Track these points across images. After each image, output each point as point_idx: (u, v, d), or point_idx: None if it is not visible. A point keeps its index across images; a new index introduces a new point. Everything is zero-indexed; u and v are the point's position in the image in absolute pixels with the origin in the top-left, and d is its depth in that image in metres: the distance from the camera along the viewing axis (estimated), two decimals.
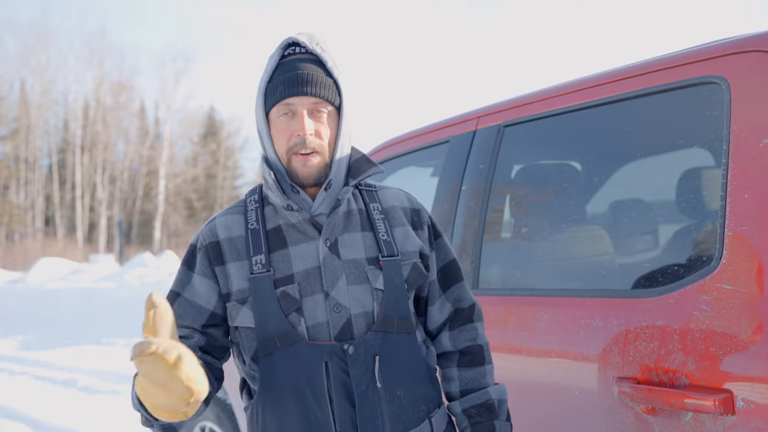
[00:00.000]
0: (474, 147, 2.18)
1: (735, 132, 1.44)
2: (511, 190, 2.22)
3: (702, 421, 1.35)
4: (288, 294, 1.34)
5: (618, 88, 1.76)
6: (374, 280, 1.37)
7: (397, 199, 1.51)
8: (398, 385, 1.35)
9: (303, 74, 1.36)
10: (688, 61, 1.60)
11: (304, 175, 1.37)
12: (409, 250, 1.43)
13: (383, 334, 1.34)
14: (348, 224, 1.41)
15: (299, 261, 1.36)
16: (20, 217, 36.15)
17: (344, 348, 1.31)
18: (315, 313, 1.34)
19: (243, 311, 1.35)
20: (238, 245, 1.39)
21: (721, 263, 1.40)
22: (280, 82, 1.37)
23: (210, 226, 1.44)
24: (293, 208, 1.36)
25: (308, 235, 1.38)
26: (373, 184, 1.53)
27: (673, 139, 1.74)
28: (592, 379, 1.60)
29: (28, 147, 36.32)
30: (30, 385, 7.00)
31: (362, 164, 1.45)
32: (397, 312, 1.37)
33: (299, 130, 1.35)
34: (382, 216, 1.45)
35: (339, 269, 1.36)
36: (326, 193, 1.40)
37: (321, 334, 1.33)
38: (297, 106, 1.36)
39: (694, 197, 1.73)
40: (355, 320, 1.34)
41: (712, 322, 1.38)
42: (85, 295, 13.34)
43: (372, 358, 1.32)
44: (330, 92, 1.38)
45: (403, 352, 1.37)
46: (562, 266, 1.97)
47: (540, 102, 2.01)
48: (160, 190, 37.23)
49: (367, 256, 1.39)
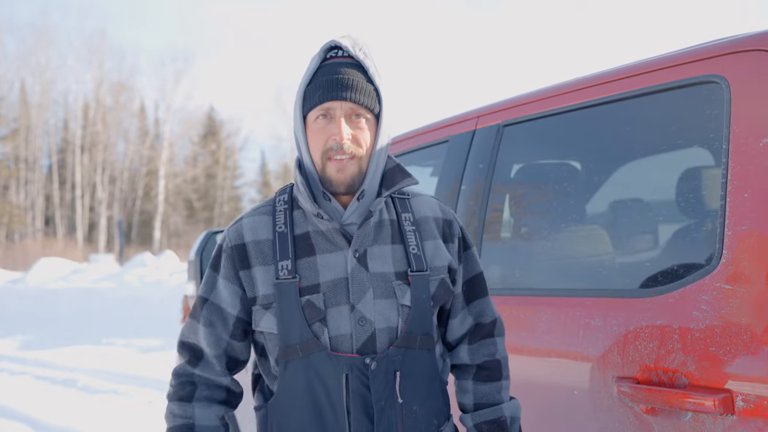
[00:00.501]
0: (473, 146, 2.18)
1: (735, 131, 1.44)
2: (511, 190, 2.22)
3: (702, 421, 1.35)
4: (313, 303, 1.32)
5: (617, 87, 1.75)
6: (401, 296, 1.35)
7: (429, 208, 1.47)
8: (415, 400, 1.34)
9: (343, 79, 1.33)
10: (687, 61, 1.59)
11: (338, 181, 1.34)
12: (438, 265, 1.41)
13: (405, 350, 1.33)
14: (378, 236, 1.38)
15: (326, 270, 1.34)
16: (20, 217, 36.15)
17: (366, 362, 1.29)
18: (339, 324, 1.32)
19: (267, 317, 1.34)
20: (265, 249, 1.37)
21: (721, 263, 1.40)
22: (320, 85, 1.33)
23: (236, 227, 1.42)
24: (323, 217, 1.33)
25: (337, 245, 1.36)
26: (406, 191, 1.49)
27: (672, 138, 1.73)
28: (592, 378, 1.59)
29: (28, 147, 36.33)
30: (30, 384, 7.00)
31: (396, 174, 1.42)
32: (421, 328, 1.35)
33: (336, 134, 1.32)
34: (413, 228, 1.42)
35: (367, 282, 1.34)
36: (358, 203, 1.37)
37: (343, 346, 1.31)
38: (335, 110, 1.33)
39: (693, 197, 1.73)
40: (379, 334, 1.32)
41: (711, 322, 1.38)
42: (85, 295, 13.34)
43: (393, 373, 1.31)
44: (370, 99, 1.34)
45: (422, 368, 1.36)
46: (561, 266, 1.97)
47: (539, 101, 2.00)
48: (159, 190, 37.23)
49: (395, 270, 1.36)
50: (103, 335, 10.43)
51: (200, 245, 2.98)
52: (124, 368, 7.88)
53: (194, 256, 2.95)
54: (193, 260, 2.94)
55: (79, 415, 5.57)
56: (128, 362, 8.38)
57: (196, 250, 2.96)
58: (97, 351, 9.31)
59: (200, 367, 1.40)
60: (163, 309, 11.29)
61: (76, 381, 6.97)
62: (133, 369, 7.81)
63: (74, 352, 9.19)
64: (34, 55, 36.22)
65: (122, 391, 6.49)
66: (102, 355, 9.00)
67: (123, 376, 7.37)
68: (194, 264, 2.93)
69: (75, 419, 5.41)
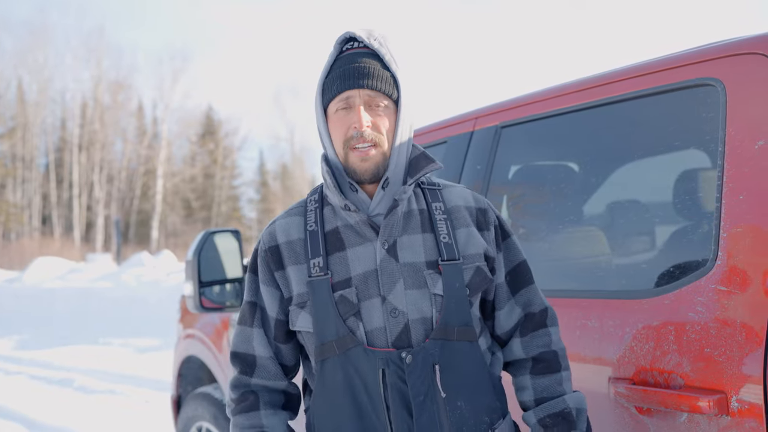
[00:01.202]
0: (471, 148, 2.18)
1: (730, 134, 1.45)
2: (509, 191, 2.22)
3: (697, 421, 1.36)
4: (346, 298, 1.31)
5: (614, 89, 1.76)
6: (432, 285, 1.32)
7: (461, 198, 1.44)
8: (459, 395, 1.30)
9: (359, 67, 1.33)
10: (684, 63, 1.60)
11: (362, 170, 1.33)
12: (472, 252, 1.37)
13: (443, 342, 1.30)
14: (408, 225, 1.37)
15: (357, 264, 1.33)
16: (17, 215, 36.08)
17: (402, 356, 1.27)
18: (372, 317, 1.30)
19: (302, 315, 1.34)
20: (297, 248, 1.37)
21: (716, 264, 1.41)
22: (337, 76, 1.34)
23: (270, 229, 1.43)
24: (351, 208, 1.33)
25: (366, 236, 1.35)
26: (437, 182, 1.47)
27: (669, 140, 1.74)
28: (588, 379, 1.60)
29: (25, 146, 36.26)
30: (26, 384, 6.99)
31: (421, 161, 1.40)
32: (458, 319, 1.31)
33: (356, 122, 1.32)
34: (444, 216, 1.39)
35: (397, 273, 1.32)
36: (384, 192, 1.36)
37: (379, 340, 1.30)
38: (354, 99, 1.33)
39: (689, 198, 1.74)
40: (413, 326, 1.30)
41: (707, 323, 1.39)
42: (82, 294, 13.32)
43: (431, 367, 1.28)
44: (387, 85, 1.34)
45: (464, 361, 1.31)
46: (558, 267, 1.97)
47: (537, 103, 2.01)
48: (157, 189, 37.19)
49: (426, 260, 1.34)
50: (100, 335, 10.42)
51: (198, 245, 2.97)
52: (121, 368, 7.87)
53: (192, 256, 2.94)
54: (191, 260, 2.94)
55: (75, 415, 5.56)
56: (125, 362, 8.37)
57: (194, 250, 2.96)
58: (94, 351, 9.30)
59: (256, 374, 1.40)
60: (161, 309, 11.28)
61: (73, 381, 6.96)
62: (130, 369, 7.80)
63: (71, 352, 9.18)
64: (32, 53, 36.19)
65: (119, 391, 6.48)
66: (99, 354, 8.99)
67: (120, 376, 7.37)
68: (192, 264, 2.93)
69: (71, 419, 5.40)
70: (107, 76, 37.48)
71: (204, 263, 2.93)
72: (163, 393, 6.24)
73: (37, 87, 36.52)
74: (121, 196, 38.32)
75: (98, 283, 14.32)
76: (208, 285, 2.92)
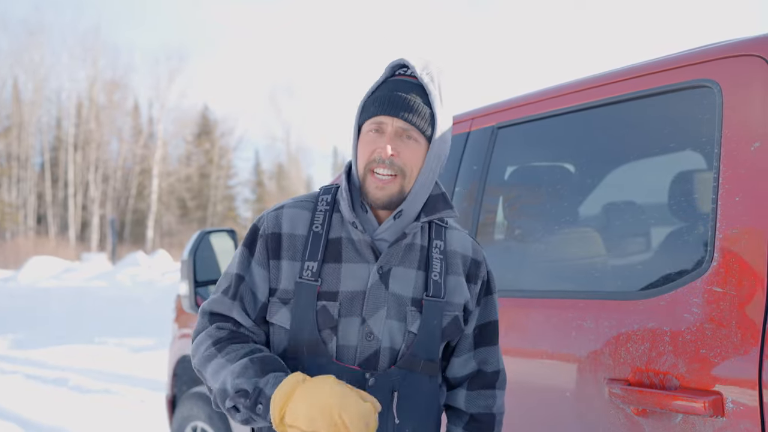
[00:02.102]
0: (467, 148, 2.18)
1: (726, 135, 1.45)
2: (505, 192, 2.22)
3: (692, 422, 1.36)
4: (327, 311, 1.33)
5: (611, 90, 1.76)
6: (411, 323, 1.36)
7: (461, 245, 1.47)
8: (410, 423, 1.35)
9: (400, 97, 1.34)
10: (680, 65, 1.60)
11: (375, 197, 1.35)
12: (456, 301, 1.41)
13: (407, 371, 1.35)
14: (406, 258, 1.39)
15: (348, 280, 1.35)
16: (12, 215, 35.98)
17: (366, 377, 1.31)
18: (348, 335, 1.33)
19: (282, 311, 1.35)
20: (297, 244, 1.38)
21: (712, 266, 1.41)
22: (378, 99, 1.35)
23: (276, 213, 1.41)
24: (357, 227, 1.35)
25: (364, 257, 1.37)
26: (445, 221, 1.49)
27: (665, 141, 1.75)
28: (584, 380, 1.60)
29: (21, 145, 36.15)
30: (21, 384, 6.97)
31: (439, 203, 1.42)
32: (426, 353, 1.36)
33: (382, 148, 1.33)
34: (441, 257, 1.42)
35: (382, 300, 1.35)
36: (394, 222, 1.37)
37: (347, 357, 1.33)
38: (386, 126, 1.33)
39: (685, 200, 1.74)
40: (383, 352, 1.34)
41: (702, 325, 1.39)
42: (77, 293, 13.29)
43: (390, 392, 1.32)
44: (422, 121, 1.34)
45: (421, 393, 1.37)
46: (554, 268, 1.97)
47: (533, 104, 2.01)
48: (153, 189, 37.13)
49: (413, 296, 1.37)
50: (95, 334, 10.39)
51: (193, 245, 2.97)
52: (116, 368, 7.85)
53: (187, 256, 2.94)
54: (186, 260, 2.93)
55: (70, 414, 5.54)
56: (120, 362, 8.35)
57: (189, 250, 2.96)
58: (89, 350, 9.27)
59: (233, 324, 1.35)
60: (156, 308, 11.26)
61: (68, 380, 6.94)
62: (126, 368, 7.79)
63: (66, 352, 9.16)
64: (28, 53, 36.09)
65: (114, 390, 6.47)
66: (94, 354, 8.97)
67: (115, 375, 7.35)
68: (187, 263, 2.92)
69: (66, 419, 5.39)
70: (103, 75, 37.40)
71: (199, 263, 2.93)
72: (158, 393, 6.23)
73: (33, 86, 36.43)
74: (117, 196, 38.24)
75: (93, 282, 14.29)
76: (204, 285, 2.92)
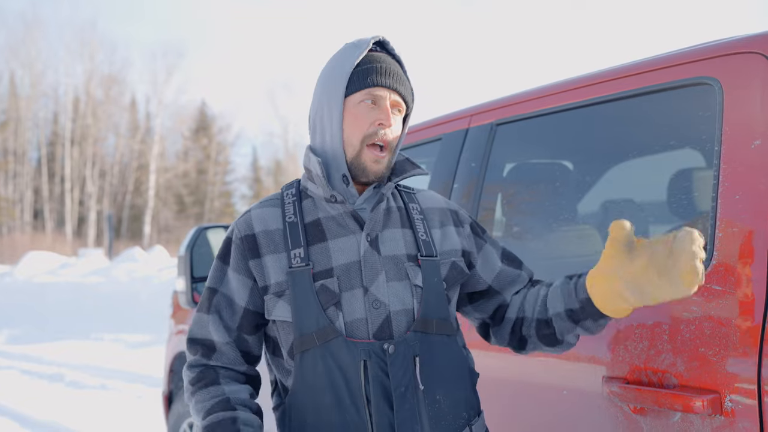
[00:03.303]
0: (466, 145, 2.18)
1: (727, 133, 1.45)
2: (503, 189, 2.22)
3: (690, 421, 1.36)
4: (327, 288, 1.31)
5: (610, 88, 1.76)
6: (414, 277, 1.34)
7: (434, 200, 1.51)
8: (438, 388, 1.31)
9: (395, 70, 1.38)
10: (680, 62, 1.60)
11: (373, 171, 1.36)
12: (448, 249, 1.43)
13: (422, 334, 1.31)
14: (388, 221, 1.40)
15: (339, 254, 1.34)
16: (8, 210, 35.91)
17: (384, 347, 1.27)
18: (353, 308, 1.31)
19: (280, 304, 1.33)
20: (275, 238, 1.37)
21: (712, 264, 1.40)
22: (372, 70, 1.36)
23: (245, 218, 1.42)
24: (336, 199, 1.34)
25: (349, 228, 1.36)
26: (411, 187, 1.53)
27: (665, 139, 1.74)
28: (582, 378, 1.60)
29: (17, 139, 36.09)
30: (17, 379, 6.96)
31: (406, 165, 1.45)
32: (437, 312, 1.34)
33: (383, 119, 1.35)
34: (421, 216, 1.44)
35: (379, 265, 1.33)
36: (373, 190, 1.41)
37: (359, 331, 1.30)
38: (383, 98, 1.36)
39: (685, 198, 1.74)
40: (395, 318, 1.31)
41: (701, 323, 1.39)
42: (74, 289, 13.27)
43: (412, 359, 1.29)
44: (409, 95, 1.41)
45: (443, 354, 1.34)
46: (552, 265, 1.97)
47: (532, 101, 2.00)
48: (150, 184, 37.08)
49: (407, 253, 1.37)
50: (91, 330, 10.38)
51: (190, 241, 2.96)
52: (113, 363, 7.85)
53: (184, 252, 2.93)
54: (183, 256, 2.93)
55: (66, 410, 5.54)
56: (117, 357, 8.35)
57: (186, 246, 2.95)
58: (86, 346, 9.27)
59: (215, 359, 1.37)
60: (153, 304, 11.25)
61: (64, 376, 6.94)
62: (122, 364, 7.78)
63: (62, 347, 9.15)
64: (24, 47, 36.00)
65: (110, 386, 6.46)
66: (90, 350, 8.96)
67: (111, 371, 7.35)
68: (184, 259, 2.92)
69: (62, 415, 5.38)
70: (100, 70, 37.34)
71: (196, 259, 2.92)
72: (154, 389, 6.22)
73: (30, 80, 36.37)
74: (114, 191, 38.18)
75: (90, 278, 14.26)
76: (201, 280, 2.91)
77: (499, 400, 1.82)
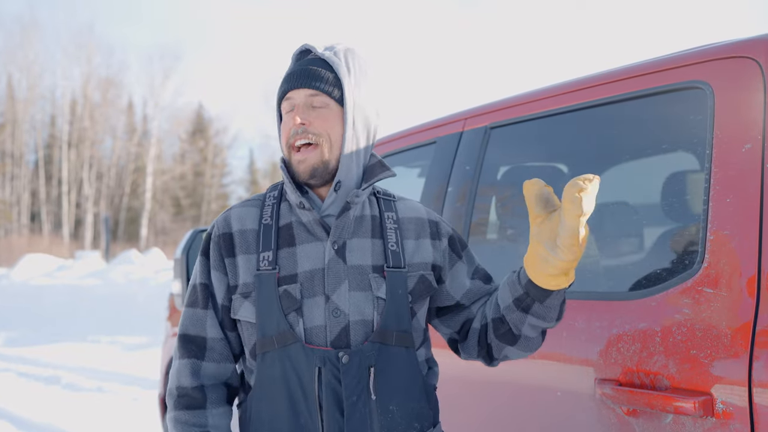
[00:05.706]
0: (461, 148, 2.19)
1: (718, 137, 1.46)
2: (497, 192, 2.23)
3: (682, 423, 1.36)
4: (289, 293, 1.33)
5: (603, 91, 1.76)
6: (377, 289, 1.35)
7: (413, 210, 1.49)
8: (392, 399, 1.32)
9: (301, 69, 1.39)
10: (673, 66, 1.61)
11: (299, 171, 1.37)
12: (418, 261, 1.42)
13: (380, 345, 1.32)
14: (358, 229, 1.40)
15: (305, 261, 1.35)
16: (5, 212, 35.84)
17: (339, 356, 1.29)
18: (313, 315, 1.32)
19: (245, 305, 1.35)
20: (249, 239, 1.39)
21: (703, 267, 1.41)
22: (284, 80, 1.41)
23: (225, 215, 1.44)
24: (305, 206, 1.35)
25: (316, 235, 1.37)
26: (392, 194, 1.51)
27: (657, 142, 1.75)
28: (574, 380, 1.60)
29: (14, 142, 36.03)
30: (13, 382, 6.95)
31: (376, 168, 1.44)
32: (397, 324, 1.34)
33: (292, 120, 1.36)
34: (395, 226, 1.43)
35: (343, 274, 1.34)
36: (336, 194, 1.39)
37: (318, 338, 1.32)
38: (294, 100, 1.38)
39: (677, 201, 1.75)
40: (353, 327, 1.32)
41: (693, 325, 1.39)
42: (71, 291, 13.25)
43: (366, 369, 1.30)
44: (326, 84, 1.36)
45: (399, 366, 1.34)
46: None
47: (526, 104, 2.01)
48: (147, 187, 37.04)
49: (373, 264, 1.37)
50: (88, 332, 10.37)
51: (187, 243, 2.97)
52: (109, 366, 7.84)
53: (181, 254, 2.94)
54: (180, 258, 2.93)
55: (63, 413, 5.53)
56: (113, 360, 8.33)
57: (183, 248, 2.95)
58: (82, 348, 9.25)
59: (207, 357, 1.38)
60: (149, 307, 11.23)
61: (61, 378, 6.92)
62: (119, 367, 7.77)
63: (59, 350, 9.13)
64: (21, 50, 35.97)
65: (107, 389, 6.45)
66: (87, 352, 8.95)
67: (108, 373, 7.34)
68: (181, 262, 2.92)
69: (59, 417, 5.37)
70: (97, 73, 37.30)
71: (193, 261, 2.93)
72: (151, 391, 6.22)
73: (27, 83, 36.32)
74: (111, 194, 38.12)
75: (87, 280, 14.24)
76: None
77: (493, 403, 1.83)
